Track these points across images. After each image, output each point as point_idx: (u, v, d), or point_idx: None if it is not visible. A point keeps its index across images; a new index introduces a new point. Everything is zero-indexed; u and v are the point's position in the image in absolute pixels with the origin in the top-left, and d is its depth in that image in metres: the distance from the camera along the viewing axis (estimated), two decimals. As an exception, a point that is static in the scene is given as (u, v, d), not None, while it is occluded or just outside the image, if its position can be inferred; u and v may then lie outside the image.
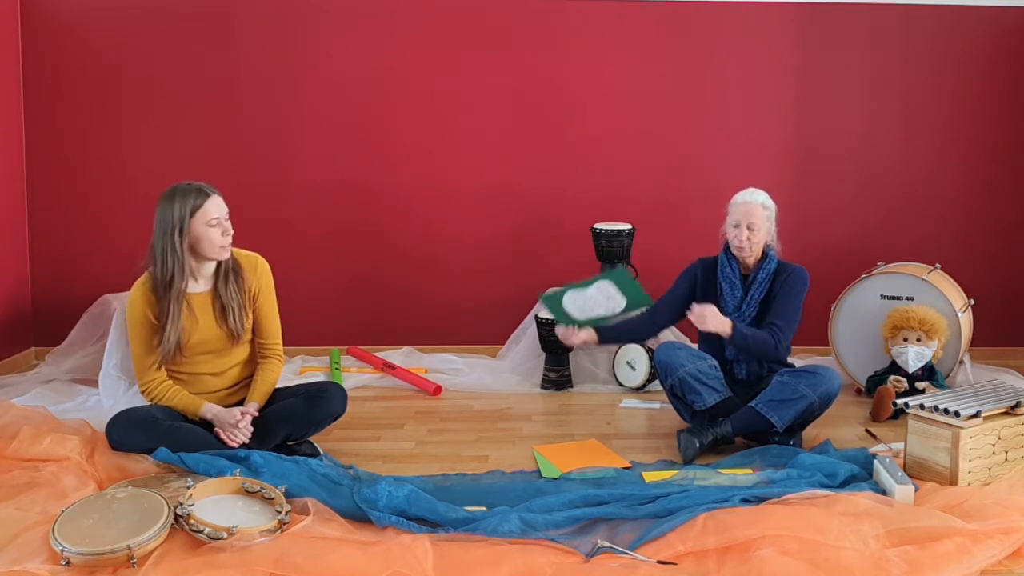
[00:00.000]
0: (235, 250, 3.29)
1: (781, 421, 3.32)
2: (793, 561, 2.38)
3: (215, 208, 3.13)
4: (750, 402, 3.40)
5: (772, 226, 3.57)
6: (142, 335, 3.19)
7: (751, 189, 3.61)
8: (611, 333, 3.64)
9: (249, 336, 3.34)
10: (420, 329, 4.90)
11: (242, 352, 3.34)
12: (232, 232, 3.19)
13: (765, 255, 3.56)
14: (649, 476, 3.13)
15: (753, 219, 3.49)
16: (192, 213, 3.09)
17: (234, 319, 3.23)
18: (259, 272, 3.33)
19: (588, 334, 3.58)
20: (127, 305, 3.22)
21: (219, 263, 3.24)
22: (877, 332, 4.13)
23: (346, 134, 4.81)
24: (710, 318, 3.40)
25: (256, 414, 3.22)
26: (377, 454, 3.44)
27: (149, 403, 3.26)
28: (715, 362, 3.51)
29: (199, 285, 3.23)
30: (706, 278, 3.66)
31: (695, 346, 3.71)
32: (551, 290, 3.64)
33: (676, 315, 3.66)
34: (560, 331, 3.60)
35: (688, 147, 4.88)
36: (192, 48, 4.71)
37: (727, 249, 3.61)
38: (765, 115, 4.88)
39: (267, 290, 3.34)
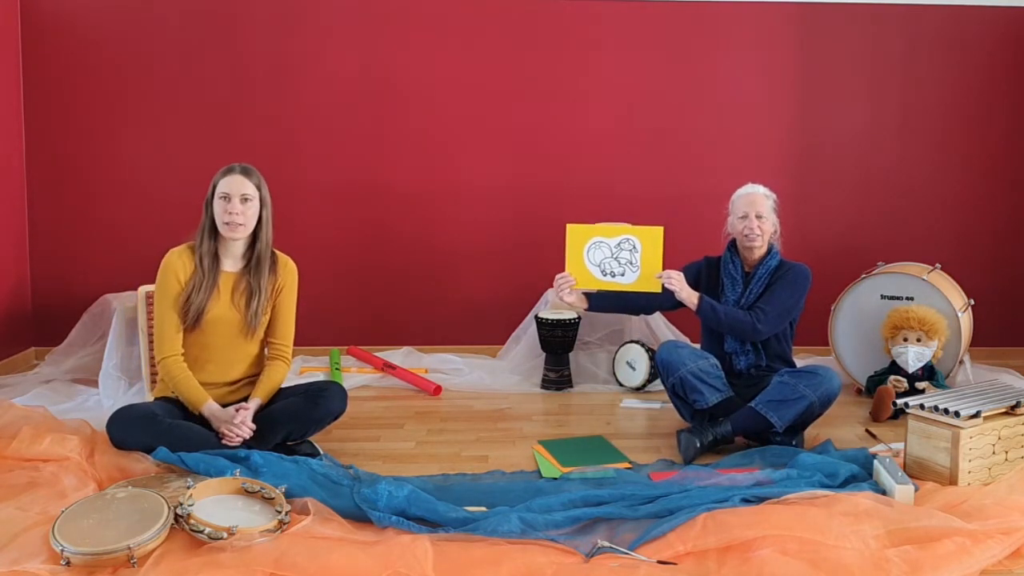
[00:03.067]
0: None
1: (781, 421, 3.32)
2: (793, 561, 2.38)
3: (228, 184, 3.21)
4: (750, 402, 3.40)
5: (776, 217, 3.63)
6: (168, 300, 3.21)
7: (750, 183, 3.66)
8: (603, 301, 3.65)
9: (263, 332, 3.35)
10: (420, 329, 4.90)
11: (251, 348, 3.35)
12: (236, 214, 3.18)
13: (769, 251, 3.60)
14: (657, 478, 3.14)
15: (759, 208, 3.56)
16: (215, 185, 3.24)
17: (255, 305, 3.26)
18: (288, 270, 3.39)
19: (579, 297, 3.59)
20: (160, 268, 3.25)
21: (252, 248, 3.29)
22: (877, 332, 4.14)
23: (347, 135, 4.81)
24: (677, 280, 3.44)
25: (252, 408, 3.23)
26: (377, 454, 3.44)
27: (161, 376, 3.29)
28: (716, 361, 3.52)
29: (228, 264, 3.28)
30: (710, 274, 3.69)
31: (697, 346, 3.71)
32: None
33: (672, 299, 3.58)
34: (559, 279, 3.53)
35: (688, 147, 4.88)
36: (193, 47, 4.71)
37: (731, 247, 3.65)
38: (765, 115, 4.88)
39: (290, 290, 3.39)
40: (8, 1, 4.56)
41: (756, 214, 3.55)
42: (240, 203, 3.20)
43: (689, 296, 3.47)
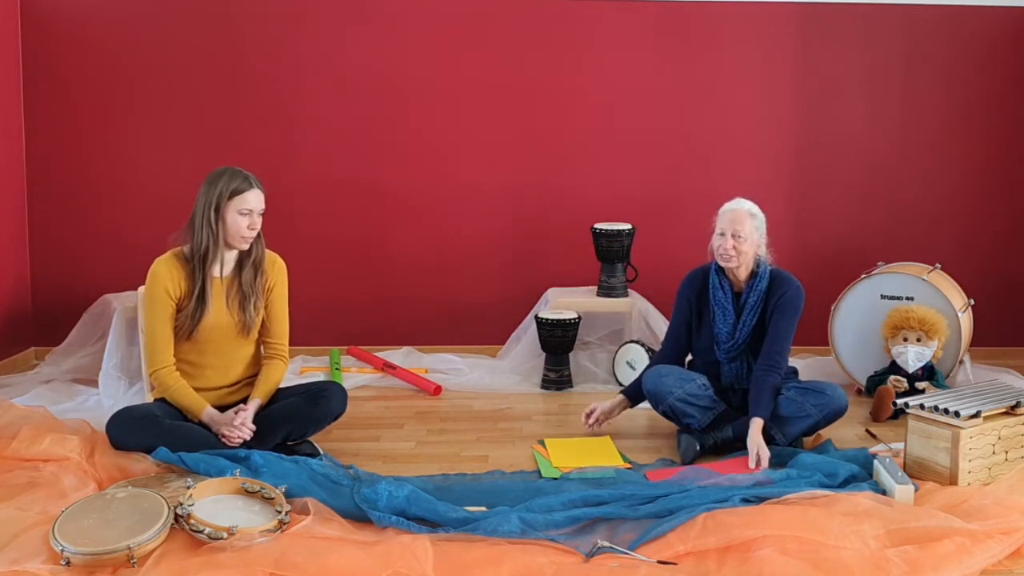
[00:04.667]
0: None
1: (785, 438, 3.34)
2: (793, 561, 2.38)
3: (252, 199, 3.20)
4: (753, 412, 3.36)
5: (761, 237, 3.45)
6: (159, 313, 3.19)
7: (738, 199, 3.50)
8: (636, 387, 3.61)
9: (257, 333, 3.35)
10: (420, 329, 4.90)
11: (248, 349, 3.35)
12: (258, 229, 3.24)
13: (755, 273, 3.46)
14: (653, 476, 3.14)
15: (739, 227, 3.38)
16: (230, 196, 3.17)
17: (250, 308, 3.25)
18: (276, 268, 3.37)
19: (617, 400, 3.64)
20: (147, 280, 3.21)
21: (248, 252, 3.28)
22: (877, 332, 4.13)
23: (347, 134, 4.81)
24: (757, 449, 3.19)
25: (251, 409, 3.22)
26: (377, 454, 3.44)
27: (156, 388, 3.27)
28: (704, 380, 3.46)
29: (216, 270, 3.25)
30: (699, 302, 3.56)
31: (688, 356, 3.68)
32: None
33: (689, 341, 3.62)
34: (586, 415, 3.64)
35: (688, 147, 4.88)
36: (192, 47, 4.71)
37: (717, 267, 3.51)
38: (765, 115, 4.88)
39: (281, 288, 3.38)
40: (8, 1, 4.56)
41: (733, 233, 3.37)
42: (258, 216, 3.23)
43: (761, 436, 3.25)
